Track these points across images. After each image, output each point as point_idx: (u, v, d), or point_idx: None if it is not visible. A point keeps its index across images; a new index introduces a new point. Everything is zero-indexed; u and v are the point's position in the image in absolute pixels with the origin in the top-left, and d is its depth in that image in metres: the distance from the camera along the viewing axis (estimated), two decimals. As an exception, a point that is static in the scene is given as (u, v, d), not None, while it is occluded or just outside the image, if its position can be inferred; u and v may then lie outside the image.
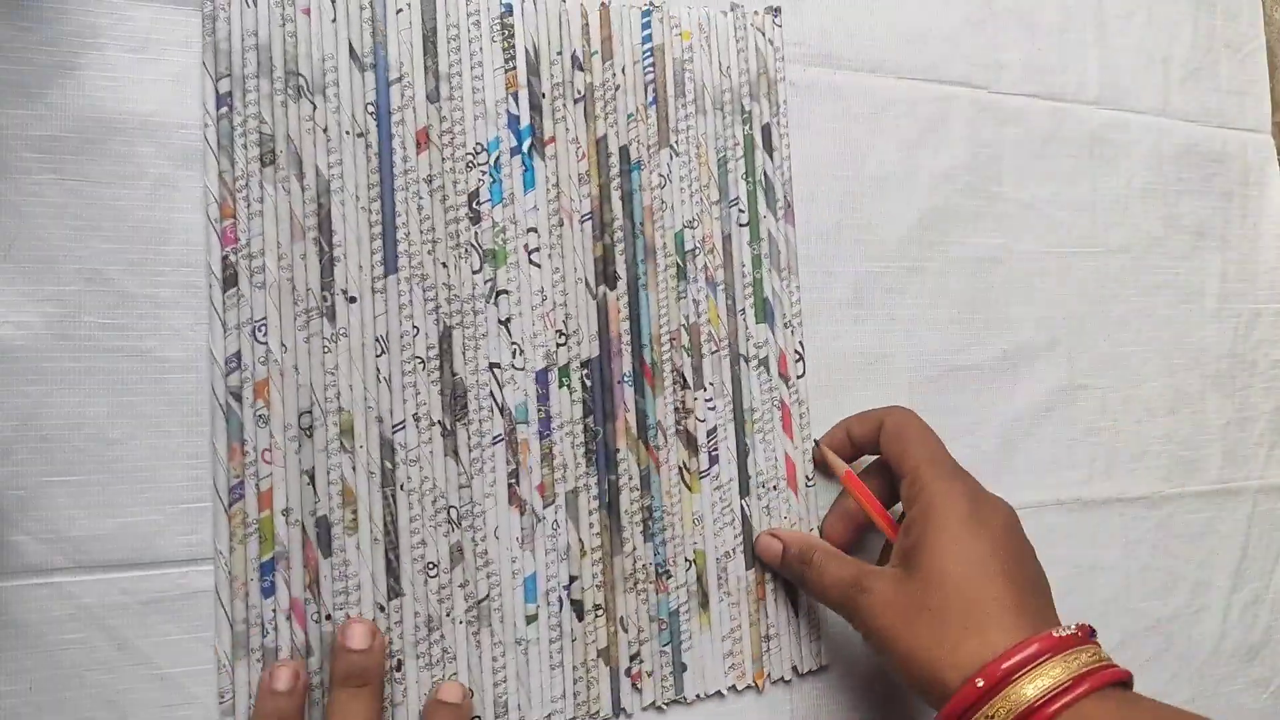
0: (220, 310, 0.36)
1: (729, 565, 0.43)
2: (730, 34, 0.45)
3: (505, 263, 0.40)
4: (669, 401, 0.42)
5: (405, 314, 0.38)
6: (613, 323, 0.42)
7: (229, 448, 0.36)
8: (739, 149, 0.45)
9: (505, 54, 0.41)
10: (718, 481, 0.43)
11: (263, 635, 0.36)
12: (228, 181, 0.36)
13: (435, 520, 0.38)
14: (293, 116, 0.37)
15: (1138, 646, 0.52)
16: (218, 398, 0.36)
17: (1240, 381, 0.57)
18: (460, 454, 0.39)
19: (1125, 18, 0.56)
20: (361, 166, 0.38)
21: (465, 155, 0.40)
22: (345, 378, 0.37)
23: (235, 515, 0.36)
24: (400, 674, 0.37)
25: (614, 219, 0.42)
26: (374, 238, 0.38)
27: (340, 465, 0.37)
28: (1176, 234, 0.57)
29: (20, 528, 0.34)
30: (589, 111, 0.42)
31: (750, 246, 0.44)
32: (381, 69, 0.39)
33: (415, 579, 0.38)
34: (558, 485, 0.40)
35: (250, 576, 0.36)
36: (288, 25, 0.38)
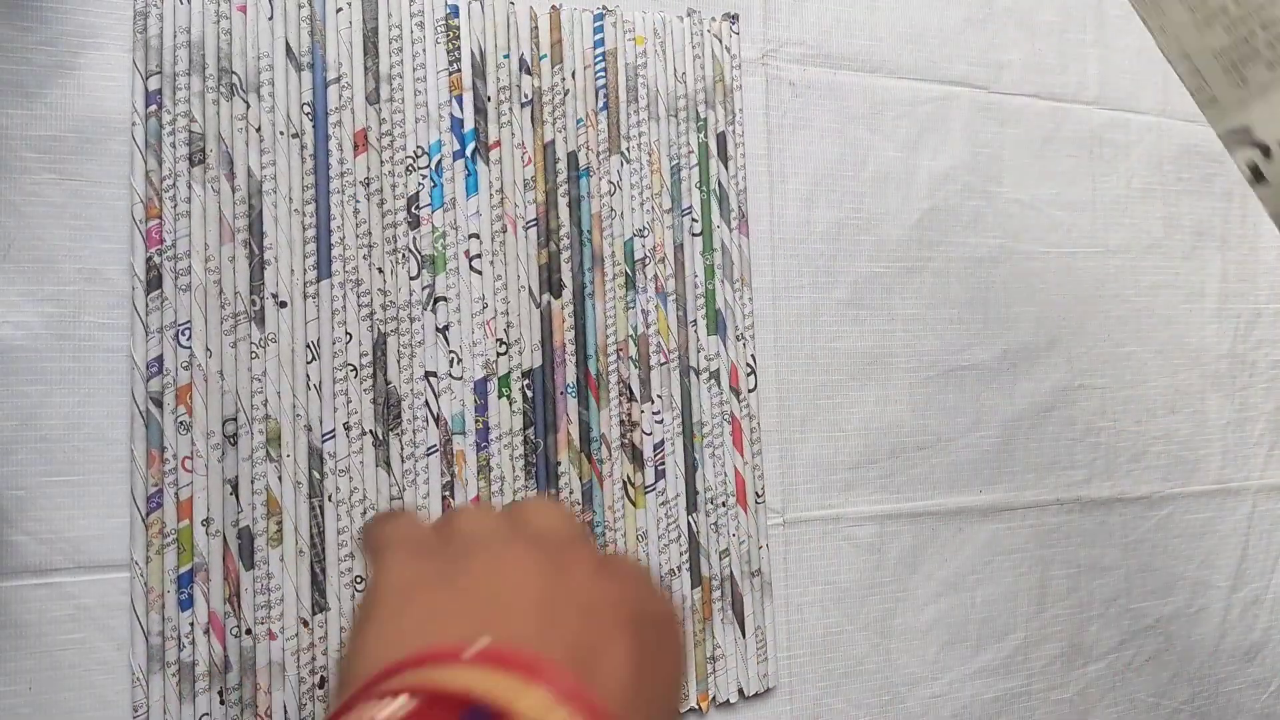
0: (142, 313, 0.35)
1: (674, 583, 0.42)
2: (686, 40, 0.44)
3: (444, 269, 0.39)
4: (614, 414, 0.41)
5: (338, 320, 0.37)
6: (557, 332, 0.41)
7: (147, 455, 0.35)
8: (693, 157, 0.44)
9: (450, 56, 0.40)
10: (664, 497, 0.42)
11: (179, 649, 0.34)
12: (154, 181, 0.35)
13: (364, 533, 0.37)
14: (225, 115, 0.36)
15: (1138, 646, 0.52)
16: (137, 403, 0.35)
17: (1240, 381, 0.57)
18: (392, 465, 0.38)
19: (1125, 18, 0.56)
20: (296, 168, 0.37)
21: (405, 159, 0.39)
22: (273, 384, 0.36)
23: (153, 524, 0.35)
24: (323, 691, 0.36)
25: (560, 226, 0.41)
26: (307, 241, 0.37)
27: (265, 475, 0.36)
28: (1176, 234, 0.56)
29: (20, 528, 0.34)
30: (536, 116, 0.41)
31: (703, 257, 0.43)
32: (319, 69, 0.38)
33: (342, 593, 0.37)
34: (494, 498, 0.39)
35: (167, 588, 0.34)
36: (222, 22, 0.37)
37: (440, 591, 0.22)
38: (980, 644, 0.47)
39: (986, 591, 0.48)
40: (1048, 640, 0.49)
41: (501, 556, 0.23)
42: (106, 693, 0.34)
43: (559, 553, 0.24)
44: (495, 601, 0.22)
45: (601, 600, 0.23)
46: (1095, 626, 0.50)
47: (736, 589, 0.43)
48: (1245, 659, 0.41)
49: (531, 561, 0.23)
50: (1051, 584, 0.37)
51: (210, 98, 0.36)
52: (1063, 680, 0.49)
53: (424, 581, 0.23)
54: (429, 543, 0.24)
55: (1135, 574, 0.51)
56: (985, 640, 0.47)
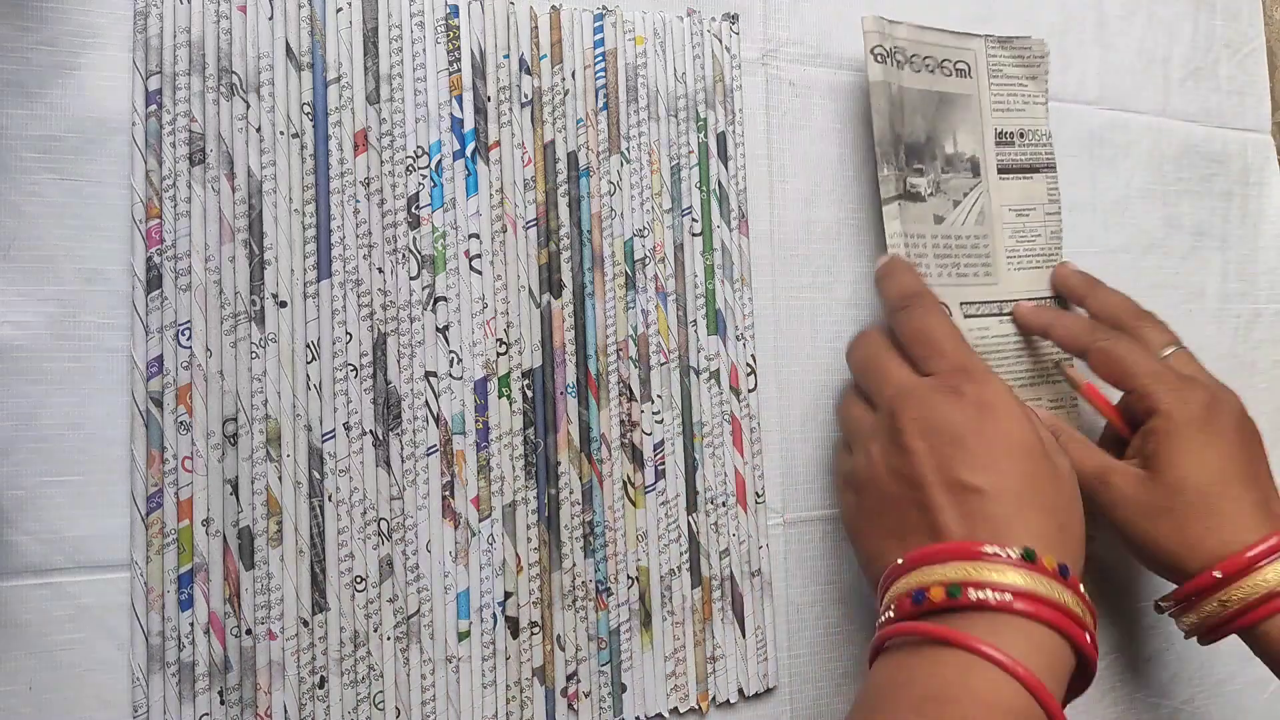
0: (142, 313, 0.35)
1: (674, 583, 0.42)
2: (686, 40, 0.44)
3: (444, 269, 0.39)
4: (614, 414, 0.41)
5: (338, 320, 0.37)
6: (557, 332, 0.41)
7: (147, 454, 0.35)
8: (693, 157, 0.44)
9: (450, 56, 0.40)
10: (664, 497, 0.42)
11: (179, 649, 0.34)
12: (154, 181, 0.35)
13: (364, 533, 0.37)
14: (225, 115, 0.36)
15: (1138, 646, 0.51)
16: (137, 403, 0.35)
17: (1240, 381, 0.57)
18: (392, 465, 0.38)
19: (1125, 18, 0.56)
20: (296, 168, 0.37)
21: (405, 159, 0.39)
22: (273, 384, 0.36)
23: (153, 524, 0.35)
24: (324, 691, 0.36)
25: (560, 226, 0.41)
26: (307, 241, 0.37)
27: (265, 475, 0.36)
28: (1176, 234, 0.56)
29: (20, 528, 0.34)
30: (536, 116, 0.41)
31: (703, 257, 0.43)
32: (319, 69, 0.38)
33: (342, 593, 0.37)
34: (494, 499, 0.39)
35: (167, 588, 0.34)
36: (222, 22, 0.37)
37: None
38: (980, 644, 0.47)
39: (987, 591, 0.48)
40: (1048, 640, 0.49)
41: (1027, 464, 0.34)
42: (106, 693, 0.34)
43: (1045, 457, 0.35)
44: (1020, 505, 0.33)
45: (1069, 493, 0.35)
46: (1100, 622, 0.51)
47: (737, 589, 0.43)
48: (1245, 659, 0.41)
49: (1033, 469, 0.34)
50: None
51: (210, 98, 0.36)
52: (1063, 680, 0.49)
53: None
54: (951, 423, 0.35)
55: (1135, 573, 0.51)
56: (985, 640, 0.47)
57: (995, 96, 0.50)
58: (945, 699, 0.29)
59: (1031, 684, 0.29)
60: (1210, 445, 0.40)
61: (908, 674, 0.31)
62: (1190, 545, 0.39)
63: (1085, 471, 0.41)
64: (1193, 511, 0.39)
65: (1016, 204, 0.50)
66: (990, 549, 0.31)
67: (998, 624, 0.30)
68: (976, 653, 0.29)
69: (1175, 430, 0.40)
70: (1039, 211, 0.51)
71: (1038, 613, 0.30)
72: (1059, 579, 0.31)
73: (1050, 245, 0.51)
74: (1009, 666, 0.29)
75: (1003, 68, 0.50)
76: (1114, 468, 0.41)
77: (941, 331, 0.39)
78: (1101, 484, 0.41)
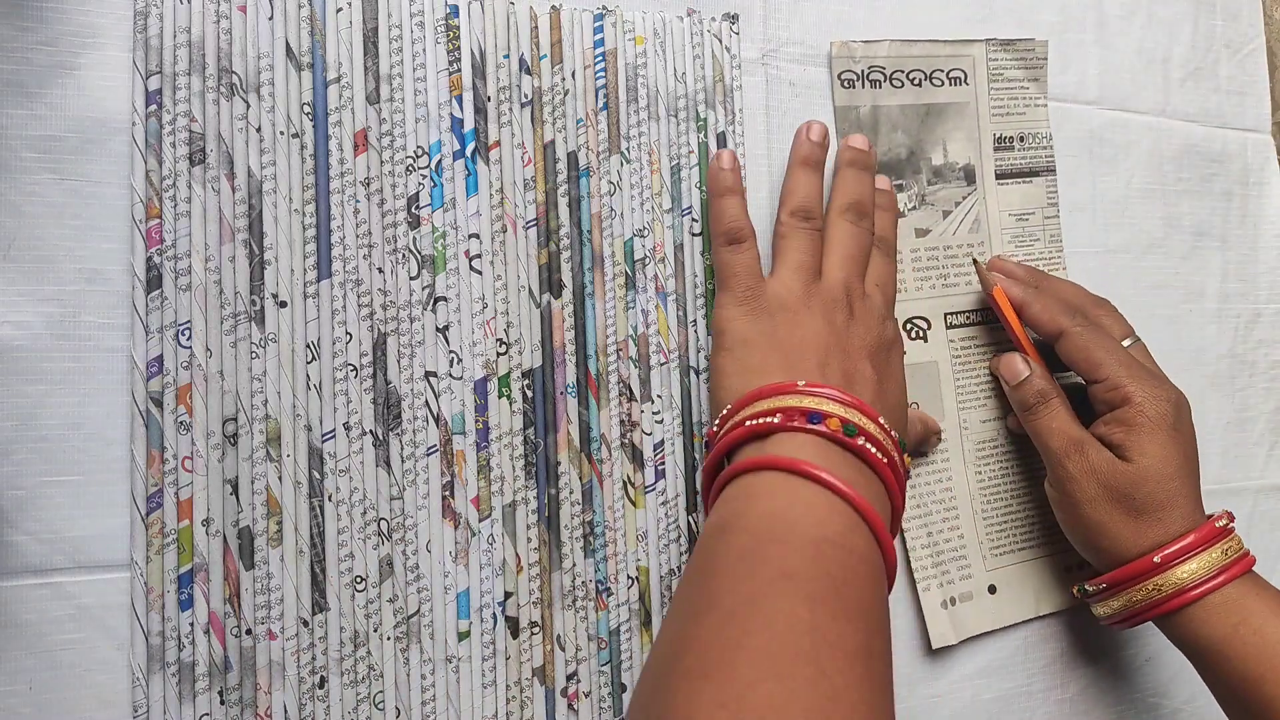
0: (142, 313, 0.35)
1: (674, 583, 0.42)
2: (686, 40, 0.44)
3: (444, 269, 0.39)
4: (614, 414, 0.41)
5: (338, 320, 0.37)
6: (557, 332, 0.41)
7: (147, 454, 0.35)
8: (693, 157, 0.44)
9: (450, 56, 0.40)
10: (664, 497, 0.42)
11: (179, 649, 0.34)
12: (154, 181, 0.35)
13: (364, 533, 0.37)
14: (225, 115, 0.36)
15: (1138, 646, 0.51)
16: (137, 403, 0.35)
17: (1240, 381, 0.57)
18: (392, 465, 0.38)
19: (1125, 18, 0.56)
20: (296, 168, 0.37)
21: (405, 159, 0.39)
22: (273, 384, 0.36)
23: (153, 524, 0.35)
24: (323, 691, 0.36)
25: (560, 226, 0.41)
26: (307, 241, 0.37)
27: (265, 475, 0.36)
28: (1176, 234, 0.56)
29: (20, 528, 0.34)
30: (536, 116, 0.41)
31: (703, 257, 0.43)
32: (319, 69, 0.38)
33: (342, 593, 0.37)
34: (494, 499, 0.39)
35: (167, 588, 0.34)
36: (222, 22, 0.37)
37: (765, 344, 0.39)
38: (980, 644, 0.47)
39: (986, 591, 0.48)
40: (1048, 640, 0.49)
41: (796, 318, 0.39)
42: (106, 692, 0.34)
43: (829, 310, 0.40)
44: (797, 351, 0.39)
45: (855, 341, 0.40)
46: (1095, 626, 0.51)
47: (736, 589, 0.42)
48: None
49: (813, 319, 0.39)
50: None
51: (210, 98, 0.36)
52: (1063, 680, 0.49)
53: (754, 337, 0.39)
54: (752, 303, 0.40)
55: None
56: (985, 640, 0.47)
57: (995, 101, 0.50)
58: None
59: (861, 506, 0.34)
60: (1173, 443, 0.42)
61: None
62: (1140, 531, 0.41)
63: (1069, 435, 0.43)
64: (1150, 501, 0.41)
65: (1016, 209, 0.50)
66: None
67: (831, 453, 0.35)
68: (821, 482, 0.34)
69: (1147, 424, 0.42)
70: (1038, 215, 0.51)
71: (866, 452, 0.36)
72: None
73: (1050, 249, 0.51)
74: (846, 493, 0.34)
75: (1004, 71, 0.50)
76: (1093, 443, 0.43)
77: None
78: (1078, 451, 0.43)
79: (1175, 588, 0.41)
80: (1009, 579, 0.48)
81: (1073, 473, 0.43)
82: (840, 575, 0.31)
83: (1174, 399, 0.43)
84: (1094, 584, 0.44)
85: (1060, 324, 0.45)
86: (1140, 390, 0.43)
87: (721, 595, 0.30)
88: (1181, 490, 0.42)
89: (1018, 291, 0.46)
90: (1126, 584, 0.42)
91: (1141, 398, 0.43)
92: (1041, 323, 0.45)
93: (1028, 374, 0.45)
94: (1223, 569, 0.41)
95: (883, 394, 0.40)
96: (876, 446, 0.36)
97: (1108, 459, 0.42)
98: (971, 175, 0.49)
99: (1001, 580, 0.47)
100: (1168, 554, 0.41)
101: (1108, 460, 0.42)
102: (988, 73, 0.50)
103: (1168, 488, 0.42)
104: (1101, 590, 0.43)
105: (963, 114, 0.49)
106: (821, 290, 0.41)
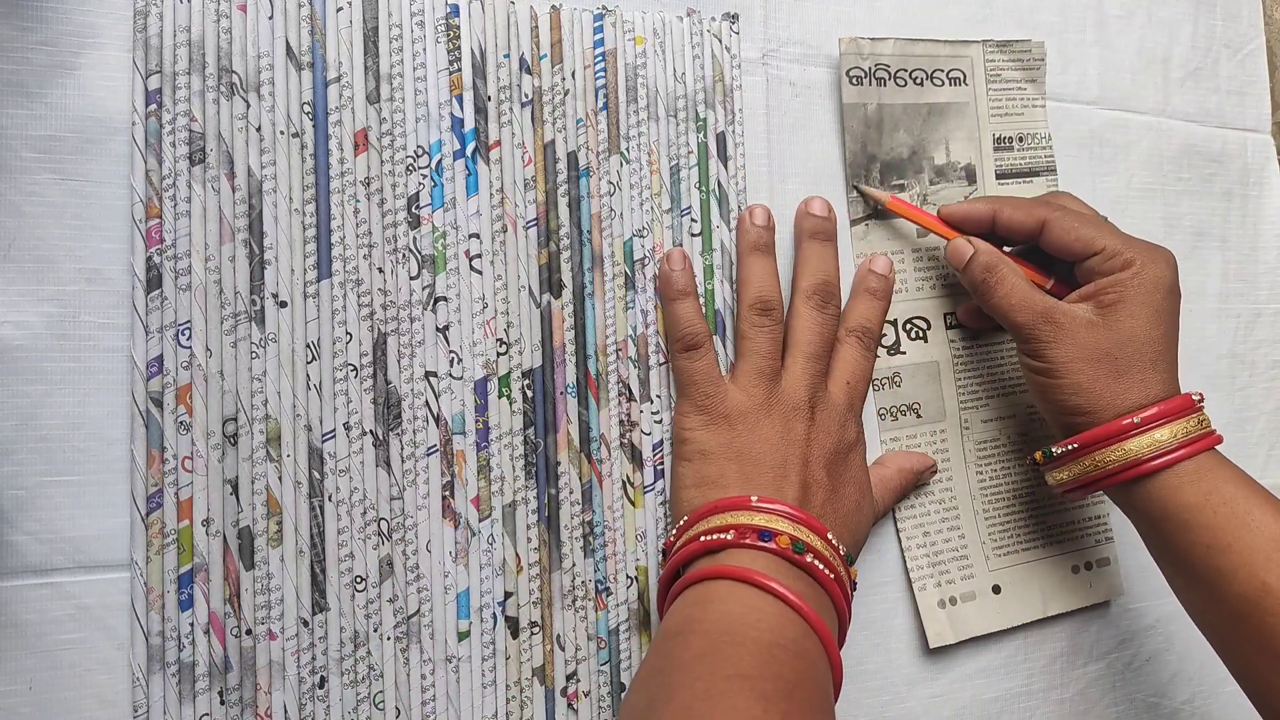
0: (142, 313, 0.35)
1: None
2: (685, 40, 0.44)
3: (445, 269, 0.39)
4: (613, 414, 0.41)
5: (338, 320, 0.37)
6: (556, 332, 0.41)
7: (147, 454, 0.35)
8: (692, 157, 0.44)
9: (450, 55, 0.40)
10: (663, 497, 0.42)
11: (179, 649, 0.34)
12: (154, 180, 0.35)
13: (364, 533, 0.37)
14: (225, 115, 0.36)
15: (1138, 646, 0.52)
16: (137, 403, 0.35)
17: (1240, 381, 0.57)
18: (392, 465, 0.38)
19: (1125, 18, 0.56)
20: (296, 167, 0.37)
21: (405, 158, 0.39)
22: (273, 384, 0.36)
23: (153, 524, 0.34)
24: (323, 691, 0.36)
25: (560, 226, 0.41)
26: (307, 241, 0.37)
27: (265, 475, 0.36)
28: (1176, 234, 0.56)
29: (20, 528, 0.34)
30: (536, 116, 0.41)
31: (703, 257, 0.43)
32: (319, 68, 0.38)
33: (342, 593, 0.37)
34: (494, 499, 0.39)
35: (167, 588, 0.34)
36: (222, 21, 0.37)
37: (723, 455, 0.39)
38: (980, 644, 0.47)
39: (986, 591, 0.48)
40: (1048, 640, 0.49)
41: (756, 428, 0.40)
42: (106, 692, 0.34)
43: (789, 419, 0.40)
44: (754, 463, 0.39)
45: (814, 449, 0.40)
46: (1095, 626, 0.51)
47: (736, 589, 0.42)
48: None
49: (771, 429, 0.40)
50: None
51: (210, 97, 0.36)
52: (1063, 680, 0.49)
53: (713, 449, 0.40)
54: (712, 411, 0.40)
55: (1135, 573, 0.51)
56: (985, 640, 0.47)
57: (993, 101, 0.50)
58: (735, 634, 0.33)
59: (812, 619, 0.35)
60: (1166, 307, 0.42)
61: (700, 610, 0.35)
62: (1118, 394, 0.41)
63: (1033, 309, 0.42)
64: (1134, 363, 0.41)
65: None
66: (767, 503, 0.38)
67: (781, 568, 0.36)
68: (771, 591, 0.35)
69: (1144, 285, 0.42)
70: None
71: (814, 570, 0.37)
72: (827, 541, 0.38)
73: None
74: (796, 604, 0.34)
75: (1001, 72, 0.50)
76: (1060, 308, 0.42)
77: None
78: (1048, 321, 0.42)
79: (1151, 450, 0.40)
80: (1014, 579, 0.48)
81: (1044, 341, 0.42)
82: (792, 678, 0.32)
83: (1172, 262, 0.43)
84: (1061, 446, 0.42)
85: (1038, 214, 0.44)
86: (1141, 254, 0.42)
87: (679, 690, 0.31)
88: (1165, 355, 0.42)
89: (983, 205, 0.45)
90: (1099, 444, 0.41)
91: (1142, 260, 0.42)
92: (1019, 220, 0.44)
93: (972, 250, 0.44)
94: (1196, 439, 0.40)
95: (836, 502, 0.40)
96: (824, 563, 0.36)
97: (1083, 322, 0.41)
98: (973, 175, 0.49)
99: (1006, 580, 0.47)
100: (1149, 414, 0.40)
101: (1083, 323, 0.41)
102: (986, 73, 0.50)
103: (1154, 349, 0.41)
104: (1069, 452, 0.42)
105: (963, 114, 0.49)
106: (782, 397, 0.40)
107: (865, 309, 0.44)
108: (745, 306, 0.42)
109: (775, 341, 0.42)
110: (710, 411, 0.40)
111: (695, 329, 0.41)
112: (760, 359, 0.41)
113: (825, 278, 0.43)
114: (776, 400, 0.40)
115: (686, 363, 0.41)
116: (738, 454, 0.39)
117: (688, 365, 0.41)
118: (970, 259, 0.44)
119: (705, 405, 0.40)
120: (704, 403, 0.40)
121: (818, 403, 0.41)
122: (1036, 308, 0.42)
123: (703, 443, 0.40)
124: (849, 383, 0.43)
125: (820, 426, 0.41)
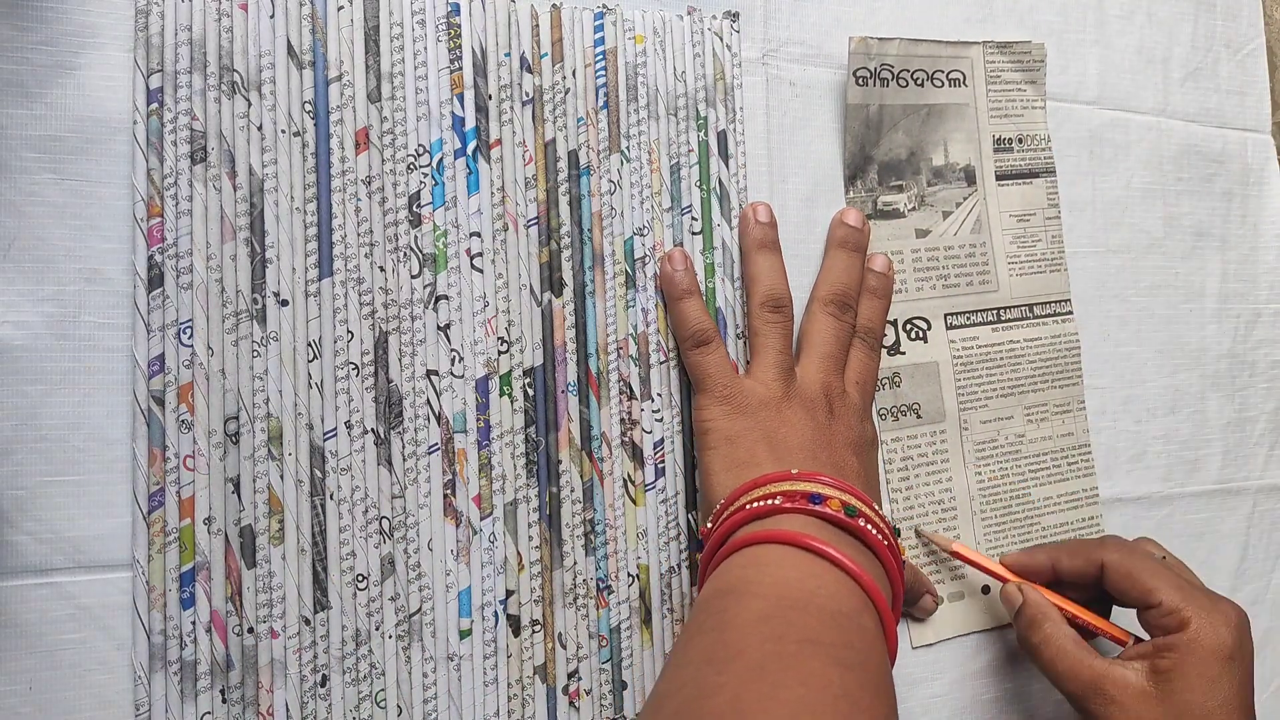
0: (144, 312, 0.35)
1: (673, 581, 0.42)
2: (686, 38, 0.44)
3: (446, 267, 0.39)
4: (614, 412, 0.41)
5: (340, 318, 0.37)
6: (558, 330, 0.41)
7: (149, 453, 0.35)
8: (693, 155, 0.44)
9: (451, 54, 0.40)
10: (664, 495, 0.42)
11: (181, 648, 0.34)
12: (156, 179, 0.35)
13: (366, 531, 0.37)
14: (226, 114, 0.36)
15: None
16: (138, 402, 0.35)
17: (1240, 382, 0.57)
18: (394, 463, 0.38)
19: (1125, 18, 0.56)
20: (297, 166, 0.37)
21: (406, 157, 0.39)
22: (275, 383, 0.36)
23: (154, 523, 0.34)
24: (325, 689, 0.36)
25: (561, 224, 0.41)
26: (309, 239, 0.37)
27: (267, 473, 0.36)
28: (1176, 234, 0.56)
29: (20, 528, 0.34)
30: (537, 115, 0.41)
31: (703, 256, 0.43)
32: (320, 67, 0.38)
33: (344, 591, 0.37)
34: (496, 497, 0.39)
35: (169, 587, 0.34)
36: (223, 20, 0.37)
37: (750, 437, 0.39)
38: (980, 644, 0.47)
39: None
40: (1047, 638, 0.49)
41: (780, 414, 0.40)
42: (108, 692, 0.34)
43: (810, 408, 0.40)
44: (784, 444, 0.39)
45: (839, 436, 0.40)
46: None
47: (737, 587, 0.43)
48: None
49: (795, 414, 0.40)
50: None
51: (212, 96, 0.36)
52: (1062, 678, 0.49)
53: (739, 432, 0.39)
54: (732, 401, 0.40)
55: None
56: (985, 640, 0.47)
57: (993, 103, 0.50)
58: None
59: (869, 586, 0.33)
60: (1228, 674, 0.39)
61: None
62: None
63: (1081, 679, 0.40)
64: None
65: (1017, 210, 0.51)
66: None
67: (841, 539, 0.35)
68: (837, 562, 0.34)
69: (1199, 652, 0.39)
70: (1039, 216, 0.51)
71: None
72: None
73: (1052, 249, 0.51)
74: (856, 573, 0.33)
75: (1001, 73, 0.51)
76: (1111, 676, 0.40)
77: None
78: (1097, 693, 0.40)
79: None
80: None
81: (1100, 713, 0.40)
82: (862, 648, 0.30)
83: (1234, 621, 0.40)
84: None
85: (1096, 558, 0.43)
86: (1199, 617, 0.40)
87: (746, 649, 0.29)
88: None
89: (1042, 556, 0.45)
90: None
91: (1198, 625, 0.39)
92: (1079, 569, 0.44)
93: (1021, 600, 0.43)
94: None
95: (869, 488, 0.39)
96: (875, 528, 0.36)
97: (1135, 693, 0.39)
98: (972, 176, 0.50)
99: (996, 581, 0.48)
100: None
101: (1135, 694, 0.39)
102: (985, 74, 0.50)
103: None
104: None
105: (962, 115, 0.50)
106: (800, 390, 0.41)
107: (867, 309, 0.44)
108: (756, 304, 0.42)
109: (788, 337, 0.42)
110: (731, 401, 0.40)
111: (704, 325, 0.41)
112: (775, 354, 0.41)
113: (846, 288, 0.44)
114: (795, 392, 0.40)
115: (700, 358, 0.41)
116: (766, 436, 0.39)
117: (701, 360, 0.41)
118: (1018, 610, 0.43)
119: (725, 395, 0.40)
120: (723, 393, 0.40)
121: (835, 398, 0.41)
122: (1084, 676, 0.40)
123: (728, 429, 0.39)
124: (859, 383, 0.43)
125: (841, 418, 0.41)
